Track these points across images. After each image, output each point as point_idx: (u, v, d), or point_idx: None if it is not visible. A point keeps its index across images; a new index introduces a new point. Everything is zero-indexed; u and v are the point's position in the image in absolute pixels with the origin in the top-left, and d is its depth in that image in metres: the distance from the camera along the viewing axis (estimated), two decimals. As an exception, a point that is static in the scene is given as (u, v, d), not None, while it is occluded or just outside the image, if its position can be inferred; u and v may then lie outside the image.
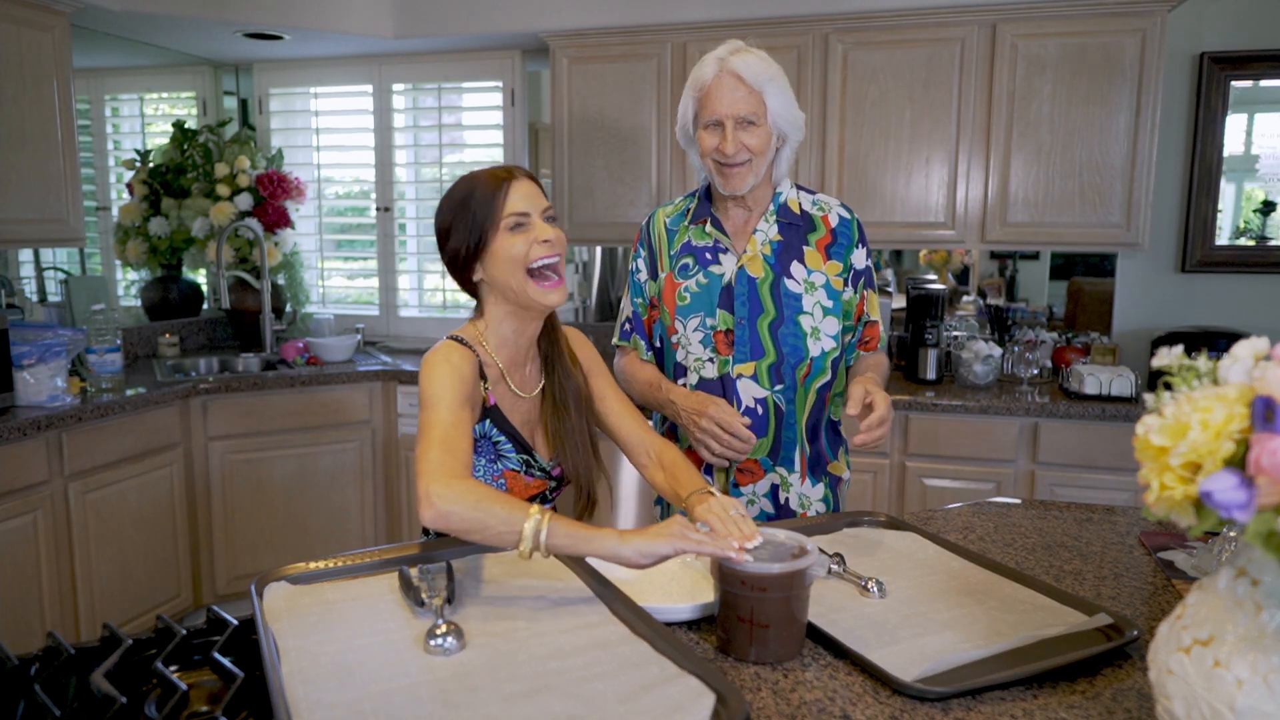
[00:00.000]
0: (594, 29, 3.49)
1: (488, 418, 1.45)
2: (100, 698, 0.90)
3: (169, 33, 3.67)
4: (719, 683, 0.91)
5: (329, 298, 4.45)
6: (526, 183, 1.43)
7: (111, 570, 2.97)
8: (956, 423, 3.02)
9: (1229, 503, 0.66)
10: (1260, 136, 3.27)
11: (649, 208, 3.54)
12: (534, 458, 1.49)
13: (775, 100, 1.66)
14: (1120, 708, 0.96)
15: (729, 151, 1.65)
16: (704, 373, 1.76)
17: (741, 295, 1.73)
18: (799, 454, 1.76)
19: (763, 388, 1.73)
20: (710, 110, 1.66)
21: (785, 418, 1.74)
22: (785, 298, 1.73)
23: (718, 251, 1.77)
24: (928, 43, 3.17)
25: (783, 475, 1.76)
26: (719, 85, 1.65)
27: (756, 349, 1.73)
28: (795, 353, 1.72)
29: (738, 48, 1.67)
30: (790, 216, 1.77)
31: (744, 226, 1.78)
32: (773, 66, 1.66)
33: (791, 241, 1.75)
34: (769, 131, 1.67)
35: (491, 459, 1.46)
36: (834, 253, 1.76)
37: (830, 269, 1.75)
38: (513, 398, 1.48)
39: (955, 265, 3.68)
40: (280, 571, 1.18)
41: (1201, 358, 0.78)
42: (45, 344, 2.83)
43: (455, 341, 1.42)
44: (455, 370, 1.36)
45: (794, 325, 1.72)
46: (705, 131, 1.69)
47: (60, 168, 3.07)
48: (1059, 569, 1.39)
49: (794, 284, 1.73)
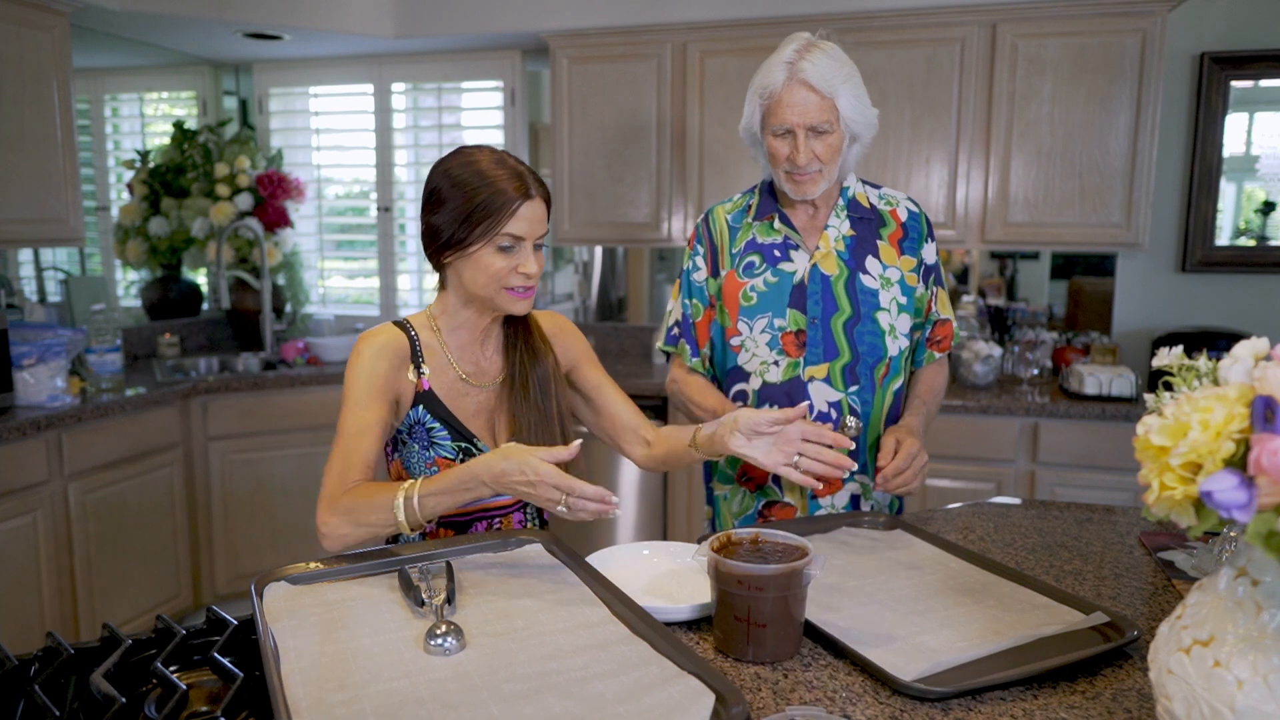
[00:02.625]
0: (594, 29, 3.49)
1: (420, 404, 1.41)
2: (100, 698, 0.90)
3: (169, 33, 3.67)
4: (719, 683, 0.91)
5: (329, 298, 4.45)
6: (538, 205, 1.37)
7: (111, 570, 2.97)
8: (956, 423, 3.02)
9: (1229, 503, 0.66)
10: (1260, 136, 3.27)
11: (649, 208, 3.54)
12: (475, 445, 1.43)
13: (847, 103, 1.57)
14: (1120, 708, 0.96)
15: (802, 163, 1.58)
16: (768, 376, 1.66)
17: (815, 294, 1.65)
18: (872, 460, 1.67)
19: (837, 390, 1.64)
20: (779, 118, 1.58)
21: (864, 415, 1.65)
22: (862, 294, 1.65)
23: (788, 248, 1.68)
24: (928, 43, 3.17)
25: (864, 483, 1.68)
26: (789, 93, 1.56)
27: (830, 349, 1.64)
28: (873, 351, 1.65)
29: (805, 45, 1.58)
30: (860, 211, 1.69)
31: (813, 222, 1.70)
32: (845, 65, 1.58)
33: (865, 236, 1.68)
34: (841, 136, 1.59)
35: (425, 445, 1.42)
36: (906, 247, 1.69)
37: (904, 264, 1.68)
38: (460, 384, 1.45)
39: (955, 265, 3.68)
40: (280, 571, 1.18)
41: (1201, 358, 0.78)
42: (45, 344, 2.83)
43: (392, 325, 1.43)
44: (369, 362, 1.37)
45: (872, 323, 1.65)
46: (775, 139, 1.61)
47: (60, 168, 3.07)
48: (1059, 569, 1.39)
49: (870, 280, 1.65)
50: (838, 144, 1.60)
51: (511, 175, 1.35)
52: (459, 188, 1.35)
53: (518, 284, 1.38)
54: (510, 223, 1.34)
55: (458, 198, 1.35)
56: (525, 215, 1.35)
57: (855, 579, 1.29)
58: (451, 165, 1.38)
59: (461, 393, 1.45)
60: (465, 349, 1.47)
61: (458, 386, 1.45)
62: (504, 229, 1.34)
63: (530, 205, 1.36)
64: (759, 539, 1.15)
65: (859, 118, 1.60)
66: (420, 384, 1.41)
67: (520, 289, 1.38)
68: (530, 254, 1.37)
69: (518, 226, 1.35)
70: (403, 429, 1.43)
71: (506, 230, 1.34)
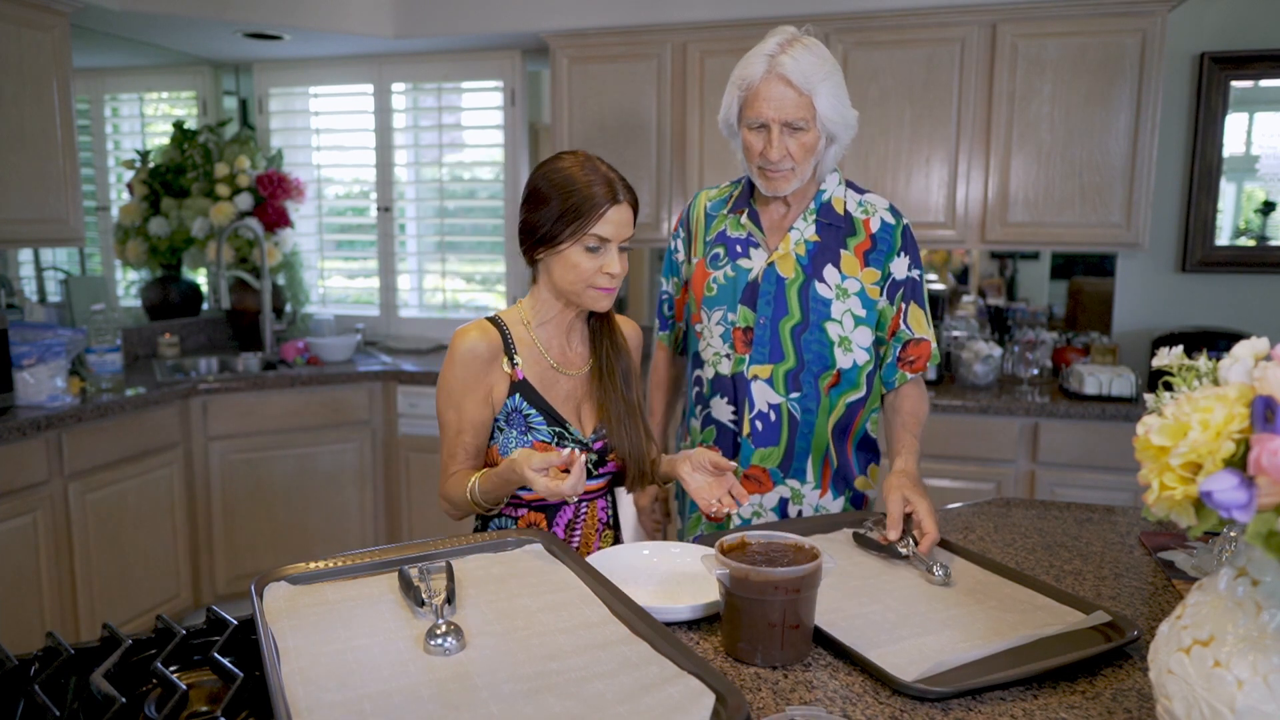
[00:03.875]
0: (594, 29, 3.49)
1: (516, 392, 1.50)
2: (100, 698, 0.90)
3: (169, 33, 3.67)
4: (719, 683, 0.90)
5: (329, 298, 4.45)
6: (625, 210, 1.44)
7: (111, 570, 2.97)
8: (956, 423, 3.02)
9: (1229, 503, 0.66)
10: (1260, 136, 3.27)
11: (649, 208, 3.54)
12: (568, 430, 1.52)
13: (825, 102, 1.55)
14: (1120, 708, 0.96)
15: (774, 159, 1.57)
16: (720, 368, 1.70)
17: (767, 294, 1.65)
18: (816, 465, 1.69)
19: (777, 393, 1.65)
20: (755, 112, 1.57)
21: (800, 427, 1.66)
22: (814, 301, 1.64)
23: (749, 245, 1.69)
24: (928, 43, 3.17)
25: (794, 488, 1.69)
26: (767, 87, 1.54)
27: (776, 352, 1.65)
28: (819, 360, 1.65)
29: (788, 39, 1.56)
30: (831, 217, 1.67)
31: (780, 222, 1.69)
32: (826, 63, 1.55)
33: (829, 244, 1.65)
34: (817, 135, 1.58)
35: (522, 430, 1.50)
36: (872, 259, 1.65)
37: (867, 276, 1.65)
38: (552, 373, 1.53)
39: (955, 265, 3.68)
40: (280, 571, 1.18)
41: (1201, 358, 0.78)
42: (45, 344, 2.83)
43: (484, 321, 1.52)
44: (460, 366, 1.48)
45: (820, 332, 1.64)
46: (750, 132, 1.60)
47: (60, 168, 3.07)
48: (1059, 569, 1.39)
49: (825, 289, 1.64)
50: (812, 143, 1.58)
51: (602, 181, 1.43)
52: (555, 189, 1.43)
53: (603, 283, 1.46)
54: (598, 225, 1.42)
55: (553, 199, 1.43)
56: (612, 219, 1.42)
57: (856, 579, 1.29)
58: (550, 168, 1.46)
59: (553, 381, 1.53)
60: (553, 340, 1.55)
61: (549, 375, 1.53)
62: (592, 230, 1.42)
63: (617, 210, 1.43)
64: (746, 541, 1.15)
65: (837, 118, 1.58)
66: (515, 374, 1.50)
67: (605, 288, 1.46)
68: (616, 255, 1.45)
69: (605, 229, 1.42)
70: (500, 417, 1.51)
71: (594, 231, 1.42)
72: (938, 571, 1.27)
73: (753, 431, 1.68)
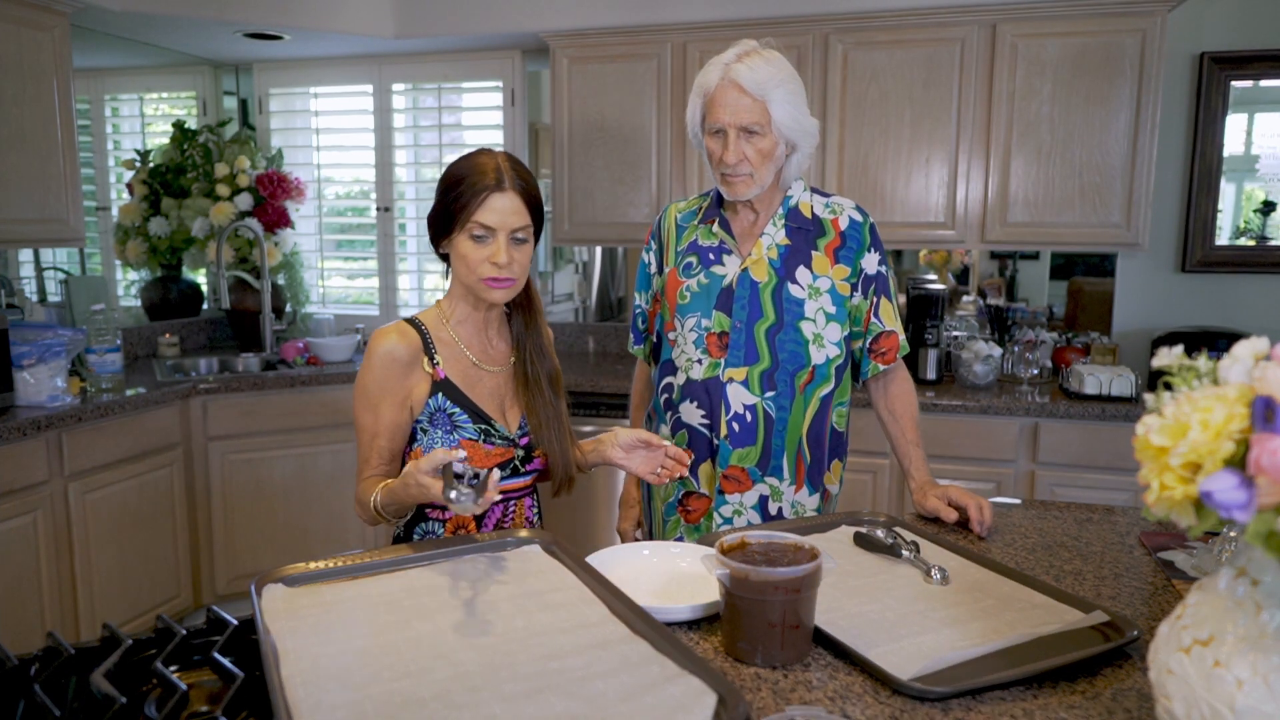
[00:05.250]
0: (594, 29, 3.49)
1: (439, 391, 1.48)
2: (100, 698, 0.90)
3: (169, 33, 3.67)
4: (719, 683, 0.91)
5: (329, 298, 4.45)
6: (509, 197, 1.42)
7: (111, 570, 2.97)
8: (956, 423, 3.02)
9: (1229, 503, 0.66)
10: (1260, 136, 3.27)
11: (649, 208, 3.54)
12: (493, 427, 1.50)
13: (780, 109, 1.60)
14: (1120, 708, 0.96)
15: (730, 162, 1.63)
16: (692, 374, 1.74)
17: (742, 298, 1.70)
18: (792, 462, 1.73)
19: (753, 394, 1.70)
20: (714, 117, 1.63)
21: (775, 425, 1.70)
22: (788, 302, 1.69)
23: (722, 252, 1.75)
24: (928, 43, 3.17)
25: (773, 485, 1.73)
26: (722, 93, 1.61)
27: (751, 354, 1.70)
28: (794, 359, 1.70)
29: (746, 51, 1.63)
30: (800, 221, 1.73)
31: (751, 229, 1.75)
32: (781, 71, 1.60)
33: (799, 246, 1.72)
34: (774, 140, 1.63)
35: (448, 430, 1.48)
36: (842, 256, 1.72)
37: (837, 273, 1.71)
38: (474, 370, 1.52)
39: (955, 265, 3.68)
40: (280, 572, 1.18)
41: (1201, 358, 0.77)
42: (45, 344, 2.83)
43: (403, 322, 1.50)
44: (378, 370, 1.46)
45: (794, 331, 1.69)
46: (710, 137, 1.67)
47: (60, 168, 3.07)
48: (1059, 569, 1.39)
49: (798, 289, 1.70)
50: (769, 148, 1.63)
51: (489, 169, 1.42)
52: (446, 179, 1.46)
53: (489, 273, 1.43)
54: (480, 212, 1.41)
55: (442, 189, 1.45)
56: (495, 205, 1.41)
57: (855, 578, 1.29)
58: (458, 159, 1.47)
59: (476, 378, 1.53)
60: (473, 337, 1.54)
61: (471, 372, 1.52)
62: (474, 218, 1.41)
63: (501, 196, 1.41)
64: (746, 542, 1.15)
65: (793, 124, 1.63)
66: (436, 373, 1.48)
67: (492, 278, 1.44)
68: (503, 245, 1.43)
69: (488, 216, 1.41)
70: (422, 418, 1.49)
71: (477, 219, 1.41)
72: (936, 574, 1.28)
73: (730, 433, 1.71)
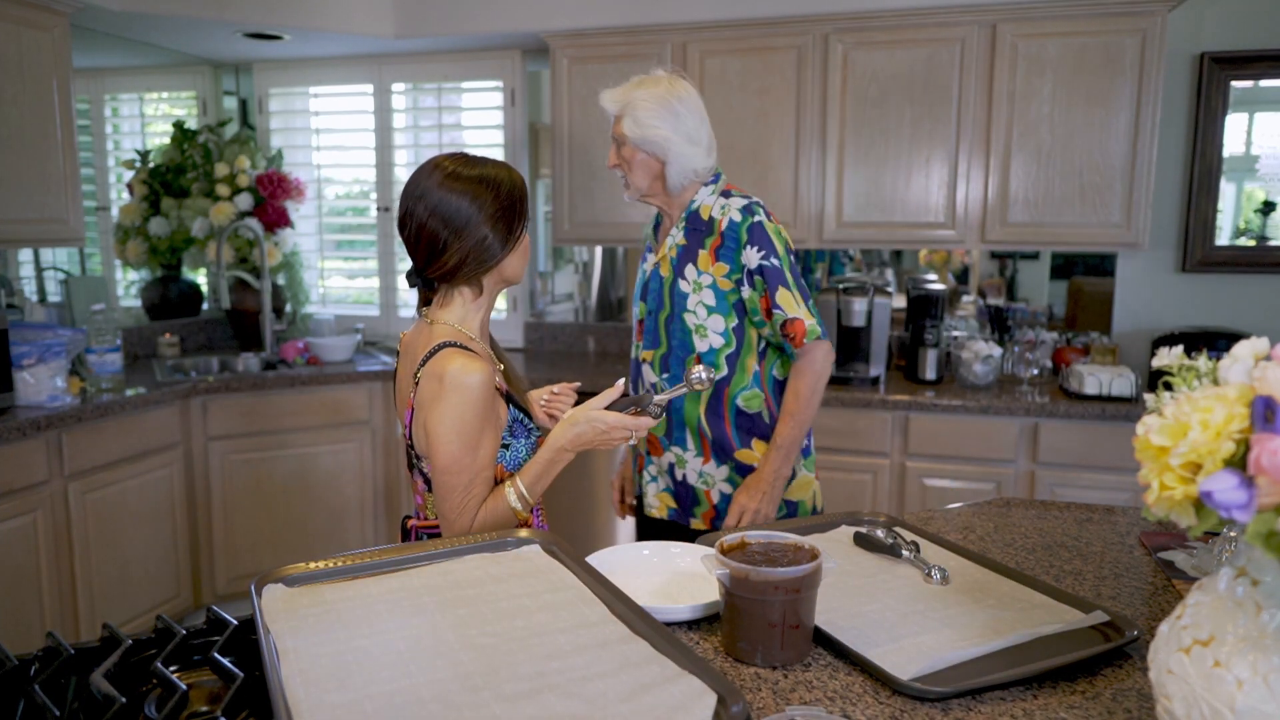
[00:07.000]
0: (594, 29, 3.49)
1: (510, 402, 1.50)
2: (100, 698, 0.90)
3: (169, 33, 3.67)
4: (719, 683, 0.90)
5: (329, 298, 4.45)
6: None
7: (111, 570, 2.97)
8: (956, 423, 3.02)
9: (1229, 503, 0.66)
10: (1260, 136, 3.27)
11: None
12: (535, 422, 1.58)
13: (630, 127, 1.86)
14: (1120, 708, 0.96)
15: (609, 165, 1.95)
16: (632, 354, 2.07)
17: (654, 291, 1.99)
18: (694, 436, 1.96)
19: (655, 374, 1.99)
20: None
21: (673, 403, 1.95)
22: (676, 296, 1.94)
23: (649, 251, 2.07)
24: (928, 43, 3.17)
25: (678, 454, 1.99)
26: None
27: (654, 340, 1.99)
28: (682, 346, 1.94)
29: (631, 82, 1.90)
30: (697, 223, 1.93)
31: (666, 231, 2.00)
32: (643, 93, 1.85)
33: (692, 246, 1.93)
34: (633, 150, 1.89)
35: (524, 435, 1.52)
36: (722, 255, 1.90)
37: (718, 270, 1.90)
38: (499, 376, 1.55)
39: (955, 265, 3.68)
40: (280, 572, 1.18)
41: (1201, 358, 0.78)
42: (45, 344, 2.83)
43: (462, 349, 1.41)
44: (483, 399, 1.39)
45: (680, 322, 1.93)
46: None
47: (60, 168, 3.07)
48: (1059, 569, 1.39)
49: (685, 285, 1.93)
50: (630, 156, 1.90)
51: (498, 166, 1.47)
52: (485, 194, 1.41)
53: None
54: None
55: (490, 203, 1.42)
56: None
57: (855, 578, 1.29)
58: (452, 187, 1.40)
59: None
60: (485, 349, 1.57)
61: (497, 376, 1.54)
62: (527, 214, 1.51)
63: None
64: (746, 542, 1.15)
65: (645, 139, 1.86)
66: (501, 386, 1.50)
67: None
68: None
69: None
70: (505, 433, 1.49)
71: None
72: (935, 575, 1.28)
73: None
